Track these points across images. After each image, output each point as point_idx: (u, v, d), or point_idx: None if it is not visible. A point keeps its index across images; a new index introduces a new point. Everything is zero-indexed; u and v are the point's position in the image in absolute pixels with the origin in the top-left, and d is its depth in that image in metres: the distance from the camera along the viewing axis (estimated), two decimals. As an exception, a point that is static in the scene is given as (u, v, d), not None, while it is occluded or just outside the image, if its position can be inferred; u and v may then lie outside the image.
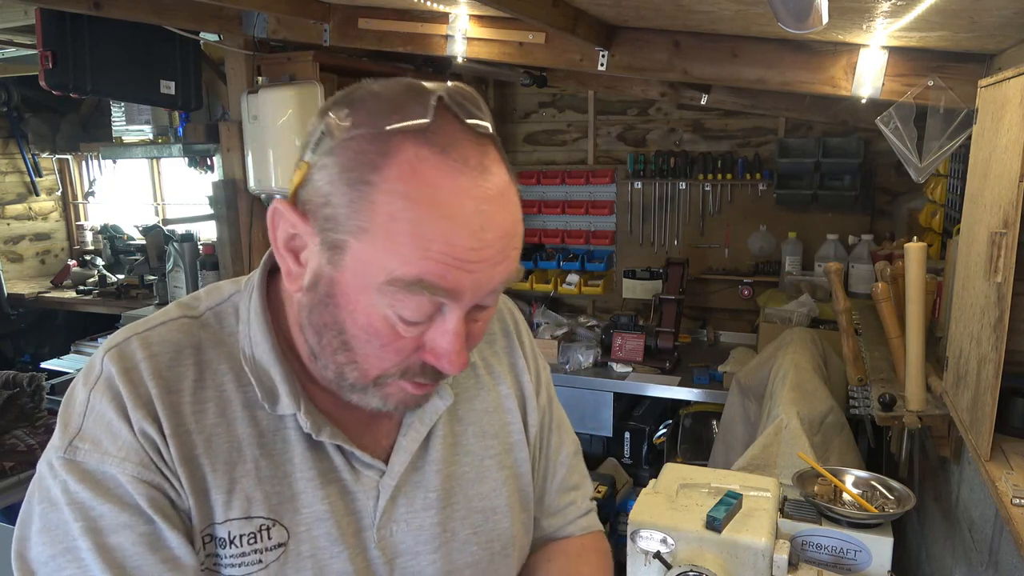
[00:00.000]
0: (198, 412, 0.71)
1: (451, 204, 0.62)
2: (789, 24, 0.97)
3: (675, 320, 3.16)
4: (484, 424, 0.87)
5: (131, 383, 0.69)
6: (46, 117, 4.39)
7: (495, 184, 0.65)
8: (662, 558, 1.10)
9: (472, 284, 0.64)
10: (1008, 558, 1.19)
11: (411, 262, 0.61)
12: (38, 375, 2.35)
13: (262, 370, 0.73)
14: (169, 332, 0.73)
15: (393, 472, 0.78)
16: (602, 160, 3.80)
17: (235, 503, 0.70)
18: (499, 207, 0.65)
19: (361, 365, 0.68)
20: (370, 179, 0.61)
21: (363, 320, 0.65)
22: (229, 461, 0.71)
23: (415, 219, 0.61)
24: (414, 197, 0.61)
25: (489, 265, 0.64)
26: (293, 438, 0.74)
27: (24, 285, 4.37)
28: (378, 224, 0.61)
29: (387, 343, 0.66)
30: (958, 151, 1.89)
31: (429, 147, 0.62)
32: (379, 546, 0.77)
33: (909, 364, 1.54)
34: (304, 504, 0.73)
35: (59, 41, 2.36)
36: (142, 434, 0.68)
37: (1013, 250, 1.03)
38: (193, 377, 0.72)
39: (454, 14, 2.33)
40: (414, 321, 0.65)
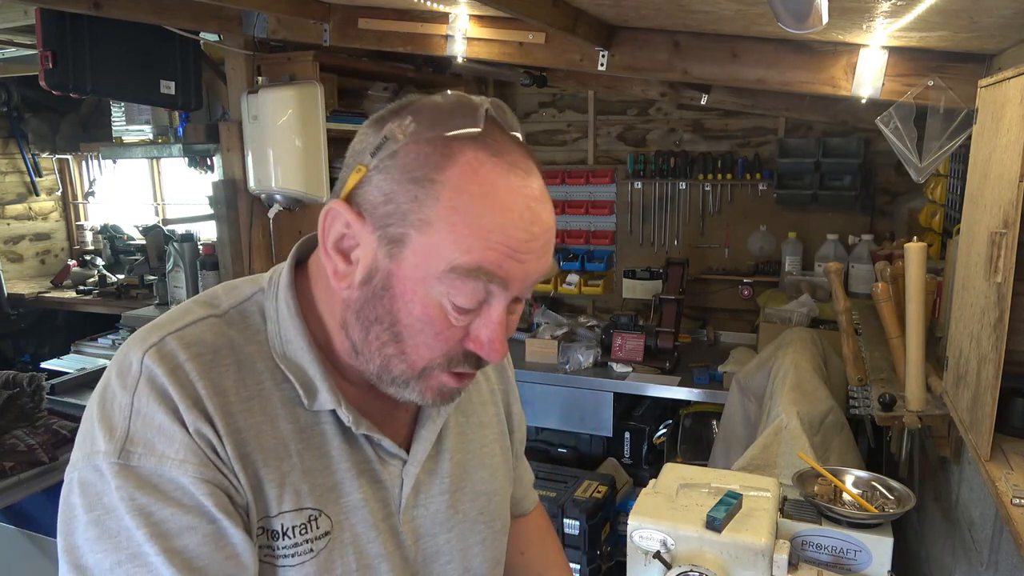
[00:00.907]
0: (245, 411, 0.73)
1: (506, 200, 0.69)
2: (789, 24, 0.97)
3: (675, 320, 3.16)
4: (480, 415, 0.95)
5: (179, 384, 0.70)
6: (46, 117, 4.39)
7: (538, 185, 0.73)
8: (662, 558, 1.10)
9: (522, 274, 0.70)
10: (1008, 558, 1.19)
11: (472, 251, 0.68)
12: (38, 375, 2.35)
13: (297, 367, 0.76)
14: (202, 332, 0.74)
15: (415, 460, 0.83)
16: (602, 160, 3.80)
17: (286, 496, 0.74)
18: (543, 205, 0.72)
19: (409, 356, 0.72)
20: (434, 178, 0.68)
21: (419, 310, 0.70)
22: (277, 456, 0.74)
23: (477, 212, 0.68)
24: (475, 193, 0.68)
25: (536, 257, 0.71)
26: (329, 432, 0.78)
27: (24, 285, 4.37)
28: (441, 217, 0.68)
29: (439, 331, 0.71)
30: (958, 151, 1.89)
31: (486, 151, 0.70)
32: (405, 529, 0.82)
33: (909, 364, 1.54)
34: (343, 494, 0.77)
35: (59, 41, 2.36)
36: (198, 434, 0.69)
37: (1013, 250, 1.03)
38: (234, 377, 0.73)
39: (454, 14, 2.33)
40: (467, 308, 0.70)
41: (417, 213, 0.68)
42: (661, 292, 3.24)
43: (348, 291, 0.73)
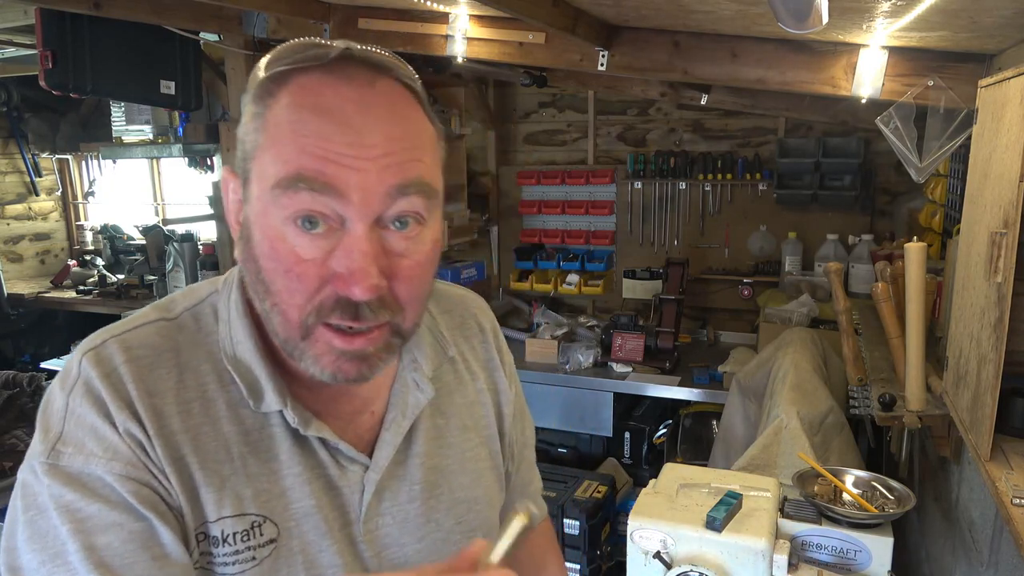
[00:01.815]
0: (183, 413, 0.70)
1: (330, 105, 0.64)
2: (789, 24, 0.97)
3: (675, 320, 3.16)
4: (464, 417, 0.89)
5: (112, 386, 0.68)
6: (46, 117, 4.39)
7: (383, 94, 0.66)
8: (662, 558, 1.10)
9: (359, 184, 0.63)
10: (1008, 558, 1.19)
11: (290, 160, 0.63)
12: (38, 375, 2.35)
13: (245, 368, 0.73)
14: (147, 335, 0.73)
15: (377, 467, 0.78)
16: (602, 160, 3.80)
17: (226, 501, 0.70)
18: (386, 113, 0.66)
19: (281, 307, 0.67)
20: (267, 103, 0.66)
21: (267, 246, 0.66)
22: (217, 460, 0.71)
23: (295, 121, 0.64)
24: (297, 105, 0.64)
25: (377, 167, 0.64)
26: (278, 435, 0.74)
27: (24, 285, 4.37)
28: (267, 137, 0.65)
29: (290, 267, 0.65)
30: (958, 151, 1.89)
31: (321, 72, 0.65)
32: (366, 539, 0.77)
33: (909, 364, 1.54)
34: (293, 500, 0.73)
35: (59, 41, 2.36)
36: (127, 434, 0.67)
37: (1013, 250, 1.03)
38: (174, 380, 0.71)
39: (454, 14, 2.33)
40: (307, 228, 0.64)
41: (253, 145, 0.66)
42: (661, 292, 3.24)
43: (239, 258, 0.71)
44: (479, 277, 3.67)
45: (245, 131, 0.68)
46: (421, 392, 0.82)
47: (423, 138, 0.69)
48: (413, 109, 0.69)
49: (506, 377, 0.96)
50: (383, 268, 0.66)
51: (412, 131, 0.68)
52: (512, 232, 4.00)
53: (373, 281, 0.64)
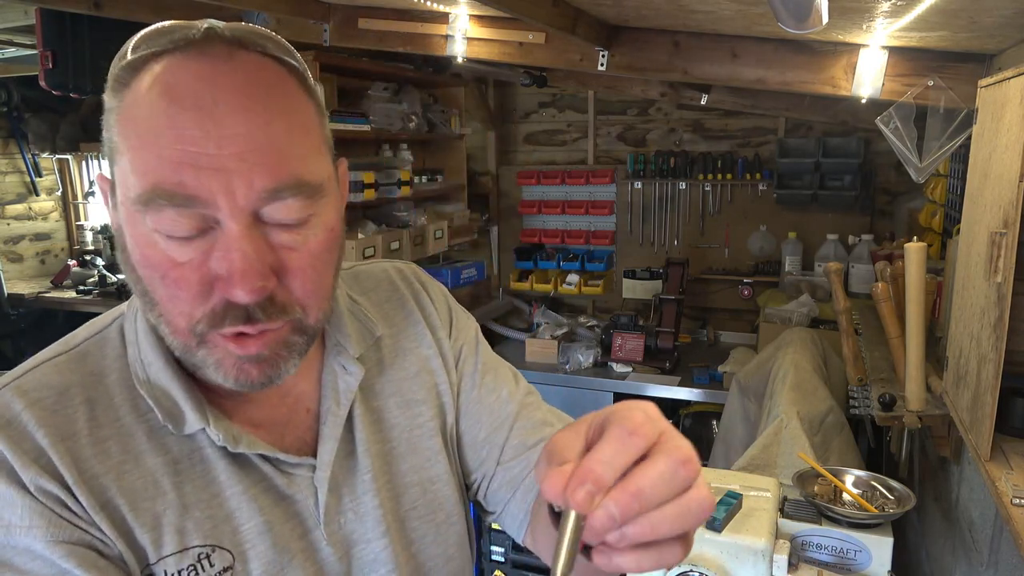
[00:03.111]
0: (100, 454, 0.63)
1: (181, 88, 0.56)
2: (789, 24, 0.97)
3: (675, 320, 3.16)
4: (406, 392, 0.81)
5: (14, 439, 0.60)
6: (46, 117, 4.39)
7: (242, 69, 0.58)
8: (662, 558, 1.10)
9: (223, 188, 0.56)
10: (1008, 558, 1.19)
11: (147, 170, 0.56)
12: (38, 375, 2.35)
13: (160, 391, 0.66)
14: (44, 374, 0.65)
15: (323, 464, 0.72)
16: (602, 160, 3.80)
17: (165, 539, 0.64)
18: (246, 90, 0.57)
19: (166, 316, 0.61)
20: (121, 96, 0.58)
21: (139, 254, 0.59)
22: (147, 497, 0.64)
23: (145, 115, 0.56)
24: (148, 93, 0.56)
25: (243, 166, 0.56)
26: (211, 456, 0.67)
27: (24, 285, 4.37)
28: (122, 137, 0.58)
29: (166, 273, 0.58)
30: (958, 151, 1.89)
31: (178, 54, 0.57)
32: (330, 542, 0.72)
33: (909, 364, 1.54)
34: (241, 521, 0.67)
35: (59, 41, 2.36)
36: (41, 492, 0.60)
37: (1013, 250, 1.03)
38: (86, 416, 0.64)
39: (454, 14, 2.33)
40: (179, 236, 0.57)
41: (111, 146, 0.59)
42: (661, 292, 3.24)
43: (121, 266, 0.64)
44: (479, 277, 3.67)
45: (104, 131, 0.60)
46: (350, 375, 0.75)
47: (297, 121, 0.60)
48: (282, 84, 0.60)
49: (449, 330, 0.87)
50: (272, 265, 0.59)
51: (280, 113, 0.59)
52: (512, 232, 4.00)
53: (257, 283, 0.57)
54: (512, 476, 0.85)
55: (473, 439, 0.86)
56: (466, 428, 0.86)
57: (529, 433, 0.86)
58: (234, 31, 0.60)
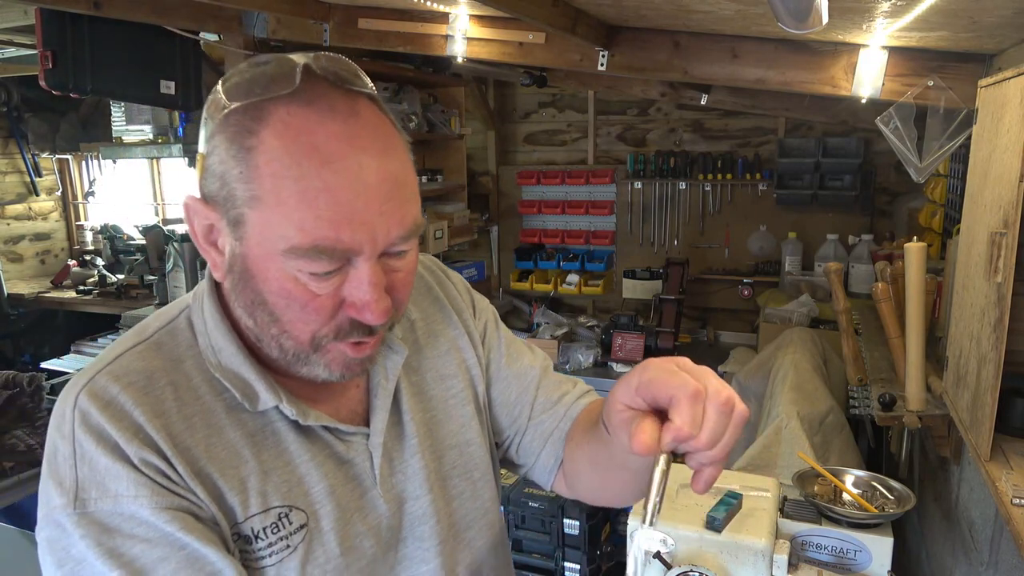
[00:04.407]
0: (188, 429, 0.72)
1: (325, 149, 0.65)
2: (789, 24, 0.97)
3: (675, 320, 3.16)
4: (440, 368, 0.92)
5: (115, 417, 0.68)
6: (46, 117, 4.39)
7: (369, 124, 0.68)
8: (662, 558, 1.10)
9: (369, 237, 0.66)
10: (1008, 558, 1.19)
11: (305, 227, 0.64)
12: (38, 375, 2.35)
13: (233, 374, 0.75)
14: (130, 361, 0.73)
15: (377, 431, 0.82)
16: (602, 160, 3.80)
17: (251, 500, 0.73)
18: (378, 146, 0.67)
19: (292, 333, 0.70)
20: (250, 144, 0.65)
21: (276, 286, 0.68)
22: (232, 465, 0.73)
23: (297, 174, 0.64)
24: (290, 150, 0.64)
25: (381, 212, 0.66)
26: (282, 429, 0.77)
27: (24, 285, 4.37)
28: (266, 188, 0.65)
29: (305, 303, 0.68)
30: (958, 151, 1.89)
31: (297, 103, 0.65)
32: (385, 500, 0.82)
33: (909, 364, 1.54)
34: (311, 484, 0.77)
35: (59, 41, 2.36)
36: (144, 464, 0.68)
37: (1013, 250, 1.03)
38: (172, 397, 0.72)
39: (454, 14, 2.33)
40: (322, 276, 0.67)
41: (245, 190, 0.66)
42: (661, 292, 3.24)
43: (226, 281, 0.72)
44: (479, 277, 3.67)
45: (226, 169, 0.66)
46: (396, 353, 0.85)
47: (405, 162, 0.71)
48: (392, 131, 0.71)
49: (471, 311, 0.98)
50: (386, 286, 0.70)
51: (396, 158, 0.69)
52: (512, 232, 4.00)
53: (384, 306, 0.69)
54: (543, 430, 0.97)
55: (505, 400, 0.98)
56: (497, 393, 0.98)
57: (552, 391, 0.99)
58: (332, 71, 0.67)
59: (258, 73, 0.67)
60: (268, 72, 0.67)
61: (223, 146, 0.66)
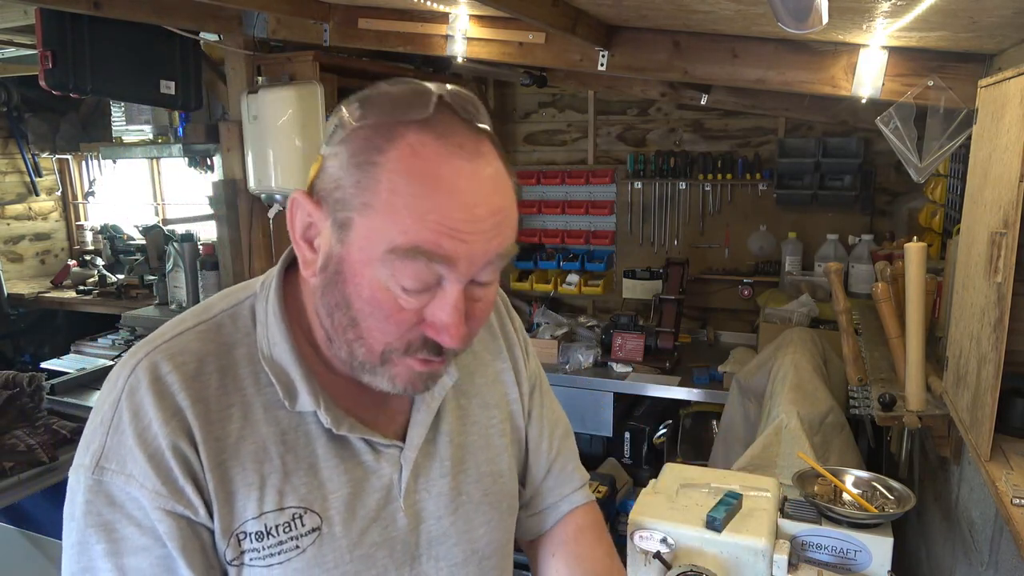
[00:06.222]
0: (224, 418, 0.75)
1: (447, 180, 0.68)
2: (789, 24, 0.97)
3: (675, 320, 3.16)
4: (486, 396, 0.94)
5: (159, 396, 0.72)
6: (46, 117, 4.39)
7: (489, 167, 0.71)
8: (662, 558, 1.10)
9: (467, 254, 0.68)
10: (1008, 558, 1.19)
11: (409, 231, 0.67)
12: (38, 375, 2.35)
13: (280, 369, 0.77)
14: (188, 341, 0.77)
15: (412, 445, 0.84)
16: (602, 160, 3.80)
17: (267, 498, 0.75)
18: (492, 187, 0.71)
19: (367, 340, 0.72)
20: (376, 160, 0.68)
21: (367, 293, 0.70)
22: (257, 460, 0.75)
23: (414, 193, 0.67)
24: (414, 174, 0.67)
25: (483, 239, 0.69)
26: (314, 432, 0.79)
27: (24, 285, 4.37)
28: (381, 200, 0.67)
29: (390, 314, 0.70)
30: (958, 151, 1.89)
31: (429, 133, 0.68)
32: (407, 513, 0.83)
33: (909, 364, 1.54)
34: (332, 490, 0.78)
35: (59, 41, 2.36)
36: (173, 449, 0.71)
37: (1013, 250, 1.03)
38: (216, 384, 0.75)
39: (454, 14, 2.33)
40: (413, 289, 0.69)
41: (359, 197, 0.68)
42: (661, 292, 3.24)
43: (314, 279, 0.74)
44: (479, 277, 3.67)
45: (344, 175, 0.69)
46: (447, 375, 0.86)
47: (513, 202, 0.74)
48: (508, 173, 0.74)
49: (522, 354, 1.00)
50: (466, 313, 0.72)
51: (510, 198, 0.73)
52: (512, 232, 4.00)
53: (464, 333, 0.71)
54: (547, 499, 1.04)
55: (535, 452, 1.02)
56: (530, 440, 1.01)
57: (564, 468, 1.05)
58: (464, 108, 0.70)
59: (395, 93, 0.71)
60: (403, 95, 0.70)
61: (346, 154, 0.70)
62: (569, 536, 1.03)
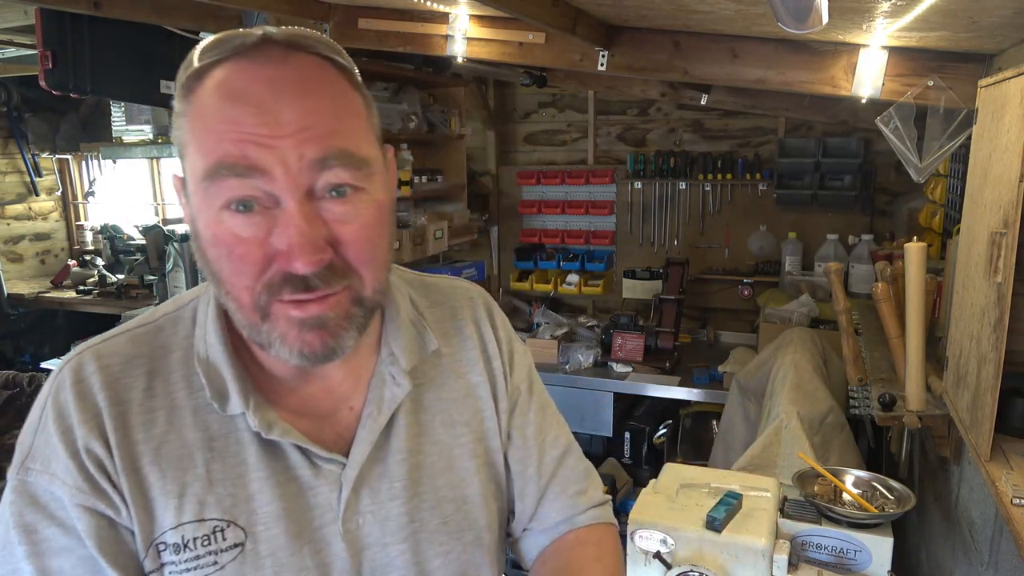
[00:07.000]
0: (147, 422, 0.71)
1: (245, 91, 0.64)
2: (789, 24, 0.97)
3: (675, 320, 3.16)
4: (453, 412, 0.85)
5: (80, 396, 0.70)
6: (46, 117, 4.39)
7: (296, 69, 0.65)
8: (662, 558, 1.10)
9: (279, 160, 0.63)
10: (1008, 558, 1.19)
11: (212, 150, 0.63)
12: (38, 375, 2.35)
13: (214, 370, 0.73)
14: (120, 343, 0.74)
15: (354, 463, 0.76)
16: (602, 160, 3.80)
17: (187, 507, 0.71)
18: (297, 88, 0.65)
19: (233, 293, 0.67)
20: (188, 100, 0.66)
21: (208, 234, 0.66)
22: (179, 467, 0.71)
23: (213, 112, 0.64)
24: (215, 95, 0.64)
25: (294, 142, 0.63)
26: (246, 439, 0.73)
27: (24, 285, 4.37)
28: (190, 133, 0.65)
29: (232, 249, 0.65)
30: (958, 151, 1.89)
31: (238, 59, 0.65)
32: (345, 539, 0.76)
33: (909, 364, 1.54)
34: (261, 504, 0.73)
35: (59, 41, 2.36)
36: (87, 451, 0.69)
37: (1013, 250, 1.03)
38: (143, 386, 0.72)
39: (454, 14, 2.33)
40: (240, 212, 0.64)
41: (181, 142, 0.66)
42: (661, 292, 3.24)
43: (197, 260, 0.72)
44: (479, 277, 3.67)
45: (175, 131, 0.68)
46: (398, 387, 0.79)
47: (344, 108, 0.68)
48: (332, 80, 0.68)
49: (502, 366, 0.90)
50: (326, 237, 0.65)
51: (330, 102, 0.66)
52: (512, 232, 4.00)
53: (314, 255, 0.64)
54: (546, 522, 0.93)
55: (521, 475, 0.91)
56: (514, 463, 0.91)
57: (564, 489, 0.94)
58: (288, 36, 0.66)
59: (220, 39, 0.66)
60: (229, 35, 0.66)
61: (176, 113, 0.67)
62: (564, 546, 0.93)
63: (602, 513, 0.96)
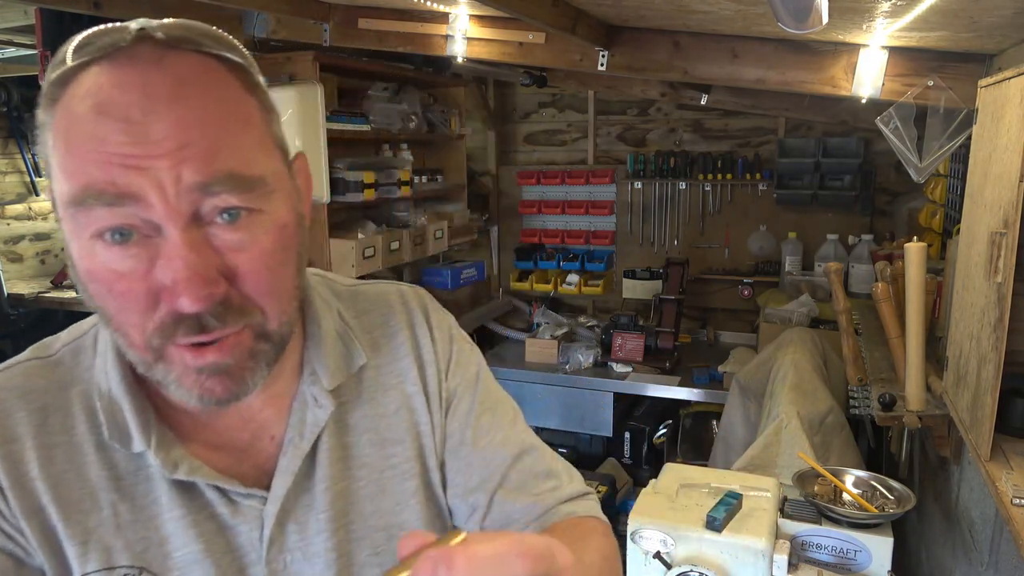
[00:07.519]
0: (43, 459, 0.64)
1: (111, 104, 0.54)
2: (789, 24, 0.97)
3: (675, 320, 3.16)
4: (383, 430, 0.75)
5: None
6: (46, 117, 4.39)
7: (171, 72, 0.55)
8: (662, 558, 1.10)
9: (154, 184, 0.53)
10: (1008, 558, 1.19)
11: (75, 173, 0.54)
12: (38, 375, 2.35)
13: (116, 406, 0.65)
14: (12, 377, 0.67)
15: (275, 498, 0.68)
16: (602, 160, 3.80)
17: (92, 555, 0.63)
18: (174, 93, 0.55)
19: (121, 331, 0.59)
20: (52, 111, 0.56)
21: (84, 268, 0.57)
22: (82, 510, 0.64)
23: (76, 128, 0.54)
24: (78, 109, 0.54)
25: (170, 162, 0.54)
26: (155, 476, 0.65)
27: (24, 285, 4.37)
28: (54, 151, 0.56)
29: (112, 287, 0.56)
30: (958, 151, 1.89)
31: (109, 62, 0.55)
32: None
33: (909, 364, 1.54)
34: (176, 547, 0.65)
35: (59, 41, 2.35)
36: None
37: (1013, 250, 1.03)
38: (37, 422, 0.65)
39: (454, 14, 2.33)
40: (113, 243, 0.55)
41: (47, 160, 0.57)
42: (661, 292, 3.24)
43: None
44: (479, 277, 3.67)
45: (38, 145, 0.58)
46: (320, 408, 0.71)
47: (232, 116, 0.58)
48: (218, 82, 0.58)
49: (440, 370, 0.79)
50: (219, 268, 0.57)
51: (214, 110, 0.57)
52: (512, 232, 4.00)
53: (203, 290, 0.55)
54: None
55: (464, 487, 0.79)
56: (454, 475, 0.79)
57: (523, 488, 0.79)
58: (168, 31, 0.57)
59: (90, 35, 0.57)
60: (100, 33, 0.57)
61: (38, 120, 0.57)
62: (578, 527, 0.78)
63: (579, 507, 0.81)
